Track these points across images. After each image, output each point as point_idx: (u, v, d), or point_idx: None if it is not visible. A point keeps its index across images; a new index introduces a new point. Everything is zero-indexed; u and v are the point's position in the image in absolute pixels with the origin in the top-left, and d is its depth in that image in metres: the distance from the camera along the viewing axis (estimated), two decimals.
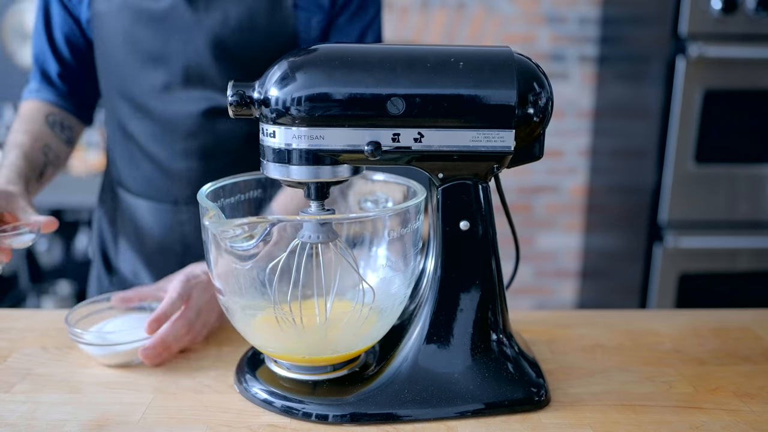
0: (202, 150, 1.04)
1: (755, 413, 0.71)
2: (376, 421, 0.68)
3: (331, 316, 0.70)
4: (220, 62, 0.99)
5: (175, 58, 0.99)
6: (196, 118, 1.01)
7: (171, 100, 1.01)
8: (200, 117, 1.01)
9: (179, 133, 1.03)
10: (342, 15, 1.02)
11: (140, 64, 1.01)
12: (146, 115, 1.03)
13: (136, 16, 0.99)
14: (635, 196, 2.18)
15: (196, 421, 0.68)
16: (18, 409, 0.70)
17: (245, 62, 0.99)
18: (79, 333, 0.78)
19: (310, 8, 0.99)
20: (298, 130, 0.64)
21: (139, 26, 0.99)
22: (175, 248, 1.09)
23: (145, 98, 1.02)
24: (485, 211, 0.70)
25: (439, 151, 0.66)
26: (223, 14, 0.97)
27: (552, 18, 2.52)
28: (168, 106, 1.02)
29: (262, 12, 0.98)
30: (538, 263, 2.76)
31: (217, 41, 0.98)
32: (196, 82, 1.00)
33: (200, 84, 1.00)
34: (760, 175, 2.03)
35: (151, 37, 0.99)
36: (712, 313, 0.99)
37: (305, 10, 0.99)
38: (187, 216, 1.07)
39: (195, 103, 1.01)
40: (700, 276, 2.08)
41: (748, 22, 1.90)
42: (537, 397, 0.71)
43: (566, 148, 2.64)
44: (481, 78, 0.65)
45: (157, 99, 1.01)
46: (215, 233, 0.65)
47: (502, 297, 0.72)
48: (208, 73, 0.99)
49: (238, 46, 0.98)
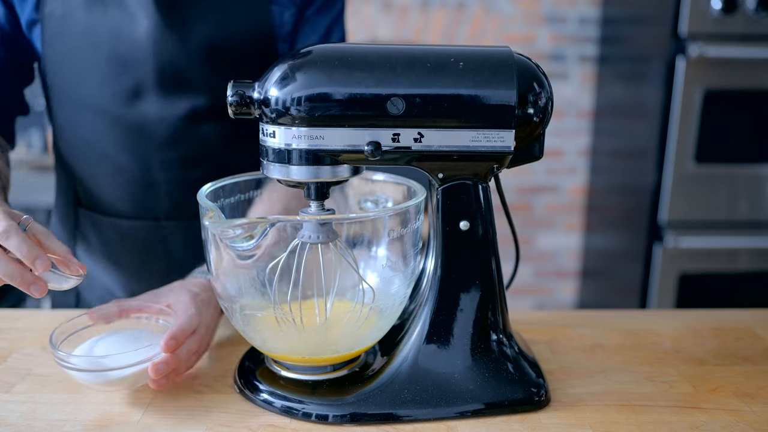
0: (183, 158, 0.97)
1: (755, 413, 0.71)
2: (376, 421, 0.68)
3: (331, 316, 0.70)
4: (197, 61, 0.93)
5: (145, 60, 0.92)
6: (175, 123, 0.95)
7: (143, 106, 0.94)
8: (179, 122, 0.95)
9: (156, 142, 0.96)
10: (310, 8, 0.99)
11: (104, 68, 0.93)
12: (114, 125, 0.95)
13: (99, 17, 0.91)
14: (635, 196, 2.18)
15: (196, 421, 0.68)
16: (18, 409, 0.70)
17: (224, 60, 0.94)
18: (65, 357, 0.68)
19: (283, 2, 0.97)
20: (298, 130, 0.64)
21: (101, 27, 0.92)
22: (158, 266, 1.02)
23: (111, 105, 0.94)
24: (485, 211, 0.70)
25: (439, 151, 0.66)
26: (197, 13, 0.92)
27: (552, 18, 2.52)
28: (140, 112, 0.94)
29: (238, 8, 0.94)
30: (538, 263, 2.76)
31: (193, 40, 0.92)
32: (172, 85, 0.93)
33: (176, 86, 0.94)
34: (760, 175, 2.03)
35: (116, 39, 0.92)
36: (712, 313, 0.99)
37: (278, 4, 0.97)
38: (170, 230, 1.00)
39: (172, 107, 0.94)
40: (700, 276, 2.08)
41: (748, 22, 1.90)
42: (537, 397, 0.71)
43: (566, 148, 2.64)
44: (481, 78, 0.65)
45: (126, 105, 0.94)
46: (215, 233, 0.65)
47: (502, 297, 0.72)
48: (184, 74, 0.93)
49: (215, 44, 0.94)
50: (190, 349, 0.73)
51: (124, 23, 0.91)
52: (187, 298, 0.77)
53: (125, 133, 0.96)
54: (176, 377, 0.73)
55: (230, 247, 0.65)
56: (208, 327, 0.78)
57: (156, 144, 0.96)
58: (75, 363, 0.68)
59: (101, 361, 0.68)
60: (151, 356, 0.70)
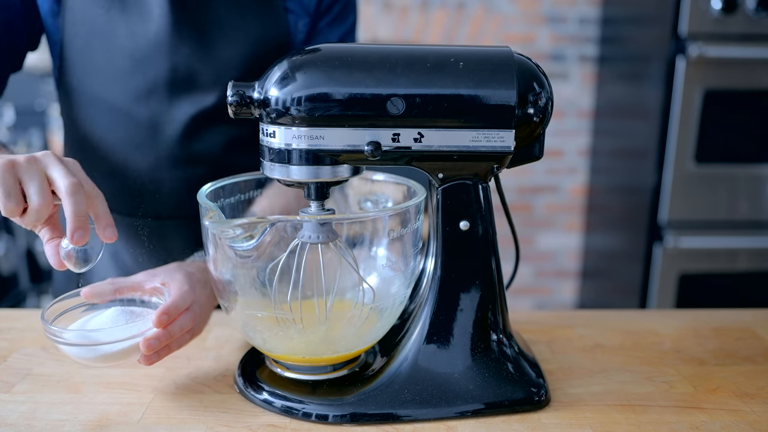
0: (187, 157, 0.98)
1: (755, 413, 0.71)
2: (376, 421, 0.68)
3: (331, 316, 0.70)
4: (211, 65, 0.95)
5: (160, 61, 0.93)
6: (184, 123, 0.96)
7: (154, 105, 0.95)
8: (188, 122, 0.96)
9: (165, 140, 0.97)
10: (323, 19, 1.01)
11: (119, 65, 0.94)
12: (125, 121, 0.96)
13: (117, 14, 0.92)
14: (635, 196, 2.18)
15: (196, 421, 0.68)
16: (18, 409, 0.70)
17: (239, 65, 0.96)
18: (58, 332, 0.66)
19: (298, 12, 0.99)
20: (298, 130, 0.64)
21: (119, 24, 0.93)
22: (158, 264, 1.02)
23: (123, 102, 0.95)
24: (485, 211, 0.70)
25: (439, 151, 0.66)
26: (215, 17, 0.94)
27: (552, 18, 2.52)
28: (151, 110, 0.95)
29: (254, 15, 0.96)
30: (538, 263, 2.76)
31: (209, 44, 0.94)
32: (184, 86, 0.95)
33: (188, 87, 0.95)
34: (760, 175, 2.03)
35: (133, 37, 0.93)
36: (712, 313, 0.99)
37: (294, 13, 0.99)
38: (172, 229, 0.99)
39: (183, 107, 0.95)
40: (700, 276, 2.08)
41: (748, 22, 1.90)
42: (537, 397, 0.71)
43: (566, 148, 2.64)
44: (481, 78, 0.65)
45: (138, 103, 0.95)
46: (215, 233, 0.65)
47: (502, 297, 0.72)
48: (198, 76, 0.95)
49: (231, 48, 0.95)
50: (183, 326, 0.72)
51: (142, 23, 0.93)
52: (182, 276, 0.76)
53: (135, 130, 0.97)
54: (167, 354, 0.71)
55: (230, 247, 0.65)
56: (203, 306, 0.77)
57: (164, 143, 0.97)
58: (67, 338, 0.66)
59: (93, 336, 0.67)
60: (144, 331, 0.68)
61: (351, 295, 0.75)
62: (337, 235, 0.69)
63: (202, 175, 0.94)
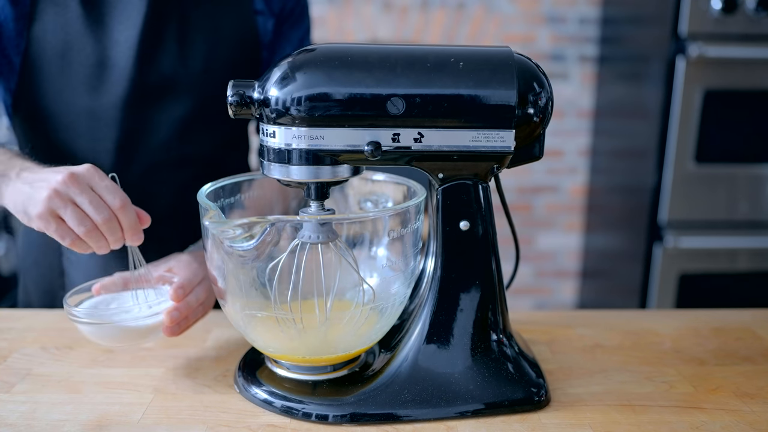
0: (177, 162, 0.98)
1: (755, 413, 0.71)
2: (376, 421, 0.68)
3: (331, 316, 0.70)
4: (190, 69, 0.95)
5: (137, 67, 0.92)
6: (168, 128, 0.96)
7: (139, 111, 0.94)
8: (174, 125, 0.96)
9: (151, 146, 0.96)
10: (287, 22, 1.05)
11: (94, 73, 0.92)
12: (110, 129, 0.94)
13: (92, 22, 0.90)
14: (635, 196, 2.18)
15: (196, 421, 0.68)
16: (18, 409, 0.70)
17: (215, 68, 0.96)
18: (79, 312, 0.72)
19: (265, 13, 1.02)
20: (298, 130, 0.64)
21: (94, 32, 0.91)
22: None
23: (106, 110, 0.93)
24: (485, 211, 0.70)
25: (439, 151, 0.66)
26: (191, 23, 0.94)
27: (552, 18, 2.52)
28: (136, 117, 0.94)
29: (229, 19, 0.98)
30: (538, 263, 2.76)
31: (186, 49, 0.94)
32: (163, 92, 0.94)
33: (167, 93, 0.95)
34: (760, 175, 2.03)
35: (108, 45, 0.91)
36: (712, 313, 0.99)
37: (262, 14, 1.02)
38: (167, 233, 0.96)
39: (166, 112, 0.95)
40: (700, 276, 2.08)
41: (748, 22, 1.90)
42: (537, 397, 0.71)
43: (566, 148, 2.64)
44: (481, 78, 0.65)
45: (123, 110, 0.93)
46: (215, 233, 0.65)
47: (502, 297, 0.72)
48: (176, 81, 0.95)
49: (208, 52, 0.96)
50: (198, 298, 0.78)
51: (117, 30, 0.92)
52: (187, 256, 0.82)
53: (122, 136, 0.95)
54: (186, 326, 0.77)
55: (230, 247, 0.65)
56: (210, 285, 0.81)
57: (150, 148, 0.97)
58: (88, 317, 0.72)
59: (112, 315, 0.72)
60: (161, 308, 0.74)
61: (351, 295, 0.75)
62: (337, 235, 0.69)
63: (190, 178, 0.97)
